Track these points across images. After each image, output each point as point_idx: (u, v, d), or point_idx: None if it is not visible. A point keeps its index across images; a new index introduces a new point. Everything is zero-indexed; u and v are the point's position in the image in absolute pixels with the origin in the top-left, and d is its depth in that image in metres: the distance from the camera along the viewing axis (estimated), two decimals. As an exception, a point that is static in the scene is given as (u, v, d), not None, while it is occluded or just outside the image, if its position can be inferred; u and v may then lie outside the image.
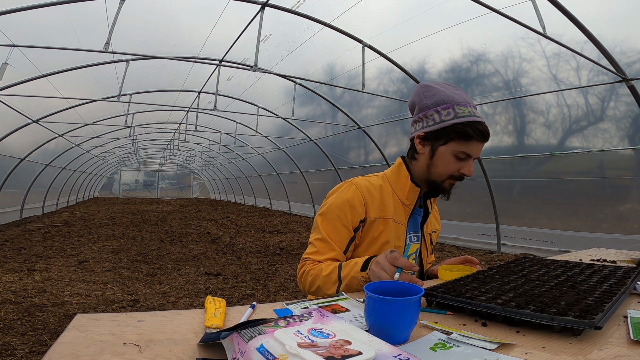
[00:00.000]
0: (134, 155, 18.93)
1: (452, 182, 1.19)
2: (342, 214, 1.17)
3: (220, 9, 4.79)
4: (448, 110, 1.11)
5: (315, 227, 1.21)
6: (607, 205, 5.12)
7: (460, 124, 1.10)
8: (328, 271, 1.10)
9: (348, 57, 5.85)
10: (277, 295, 3.95)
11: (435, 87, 1.16)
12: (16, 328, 2.83)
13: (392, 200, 1.23)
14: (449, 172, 1.16)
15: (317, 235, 1.18)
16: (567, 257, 1.49)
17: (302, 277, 1.17)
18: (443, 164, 1.15)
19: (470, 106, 1.13)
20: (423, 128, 1.17)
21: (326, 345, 0.51)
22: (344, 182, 1.26)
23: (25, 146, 8.51)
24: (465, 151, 1.12)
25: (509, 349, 0.63)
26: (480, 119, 1.11)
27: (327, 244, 1.16)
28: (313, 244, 1.19)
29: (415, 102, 1.20)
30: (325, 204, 1.22)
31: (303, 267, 1.18)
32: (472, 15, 4.24)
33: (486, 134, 1.12)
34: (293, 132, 10.07)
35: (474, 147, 1.12)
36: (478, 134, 1.10)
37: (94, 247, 6.30)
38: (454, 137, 1.11)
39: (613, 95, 4.49)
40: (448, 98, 1.12)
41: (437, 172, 1.18)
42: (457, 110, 1.11)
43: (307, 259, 1.18)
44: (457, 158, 1.14)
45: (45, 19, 4.46)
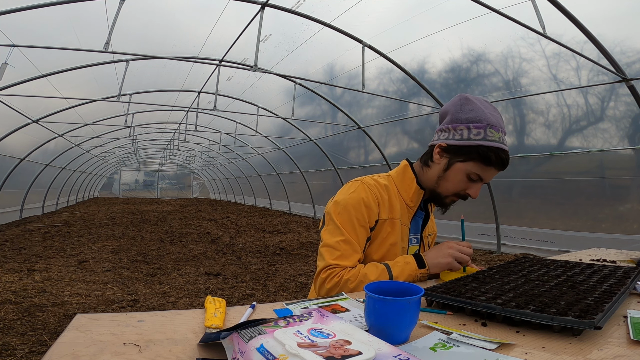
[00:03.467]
0: (133, 155, 18.92)
1: (454, 199, 1.20)
2: (359, 214, 1.15)
3: (220, 9, 4.79)
4: (479, 130, 1.09)
5: (332, 229, 1.16)
6: (607, 205, 5.13)
7: (485, 147, 1.08)
8: (376, 275, 1.08)
9: (348, 57, 5.85)
10: (277, 295, 3.95)
11: (475, 102, 1.12)
12: (16, 328, 2.83)
13: (398, 201, 1.22)
14: (456, 190, 1.17)
15: (339, 237, 1.13)
16: (567, 257, 1.49)
17: (336, 285, 1.09)
18: (454, 181, 1.15)
19: (502, 132, 1.11)
20: (447, 139, 1.14)
21: (326, 345, 0.51)
22: (353, 182, 1.24)
23: (25, 146, 8.51)
24: (480, 174, 1.12)
25: (509, 349, 0.63)
26: (506, 147, 1.10)
27: (351, 246, 1.13)
28: (334, 247, 1.12)
29: (450, 111, 1.16)
30: (337, 204, 1.17)
31: (332, 274, 1.10)
32: (472, 15, 4.24)
33: (506, 164, 1.11)
34: (293, 132, 10.07)
35: (489, 173, 1.12)
36: (498, 162, 1.09)
37: (94, 247, 6.30)
38: (474, 158, 1.10)
39: (613, 95, 4.49)
40: (484, 118, 1.09)
41: (446, 186, 1.17)
42: (488, 133, 1.09)
43: (336, 265, 1.11)
44: (469, 178, 1.14)
45: (45, 19, 4.46)
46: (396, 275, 1.09)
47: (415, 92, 6.17)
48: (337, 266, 1.11)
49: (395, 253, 1.19)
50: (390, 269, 1.10)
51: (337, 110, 7.79)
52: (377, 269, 1.10)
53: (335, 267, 1.11)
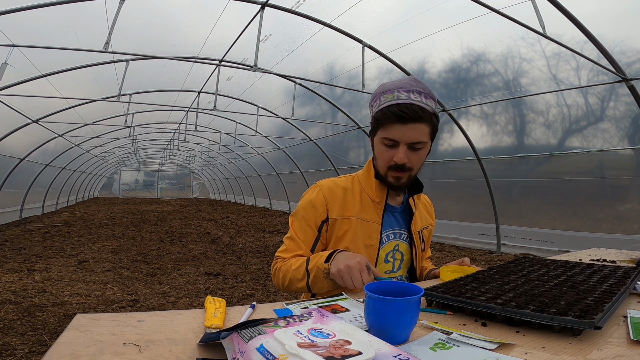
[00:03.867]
0: (133, 155, 18.92)
1: (393, 174, 1.14)
2: (307, 214, 1.20)
3: (220, 9, 4.79)
4: (376, 102, 1.13)
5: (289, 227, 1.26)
6: (607, 205, 5.12)
7: (379, 110, 1.10)
8: (297, 265, 1.13)
9: (348, 57, 5.85)
10: (277, 295, 3.95)
11: (385, 83, 1.15)
12: (16, 328, 2.83)
13: (359, 199, 1.21)
14: (384, 162, 1.14)
15: (287, 235, 1.24)
16: (567, 257, 1.49)
17: (275, 274, 1.21)
18: (378, 155, 1.16)
19: (399, 91, 1.08)
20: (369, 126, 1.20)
21: (326, 345, 0.51)
22: (312, 186, 1.30)
23: (25, 146, 8.51)
24: (387, 137, 1.10)
25: (509, 349, 0.63)
26: (402, 100, 1.06)
27: (295, 242, 1.20)
28: (284, 242, 1.24)
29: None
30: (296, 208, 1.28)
31: (275, 264, 1.22)
32: (472, 15, 4.24)
33: (399, 114, 1.05)
34: (293, 132, 10.07)
35: (395, 131, 1.08)
36: (392, 116, 1.06)
37: (94, 247, 6.30)
38: (377, 127, 1.13)
39: (613, 95, 4.49)
40: (380, 90, 1.13)
41: (378, 164, 1.18)
42: (382, 99, 1.11)
43: (278, 257, 1.22)
44: (386, 146, 1.12)
45: (45, 18, 4.46)
46: (311, 267, 1.09)
47: (415, 92, 6.16)
48: (279, 258, 1.22)
49: (356, 250, 1.17)
50: (308, 261, 1.11)
51: (337, 110, 7.79)
52: (300, 261, 1.14)
53: (278, 258, 1.22)
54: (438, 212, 1.36)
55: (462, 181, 6.74)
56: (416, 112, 1.05)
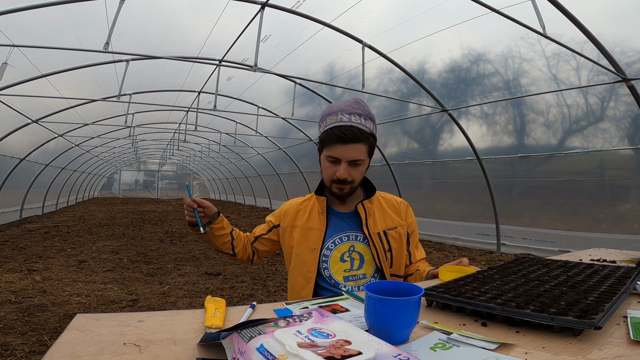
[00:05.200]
0: (133, 155, 18.92)
1: (338, 187, 1.29)
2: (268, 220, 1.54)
3: (220, 9, 4.79)
4: (324, 123, 1.27)
5: None
6: (607, 205, 5.12)
7: (324, 131, 1.25)
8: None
9: (348, 57, 5.84)
10: (277, 295, 3.95)
11: (332, 104, 1.29)
12: (16, 328, 2.83)
13: (308, 212, 1.41)
14: (328, 177, 1.29)
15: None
16: (567, 257, 1.49)
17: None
18: (324, 170, 1.30)
19: (342, 114, 1.23)
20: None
21: (326, 345, 0.51)
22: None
23: (25, 146, 8.51)
24: (330, 155, 1.25)
25: (509, 349, 0.63)
26: (344, 123, 1.21)
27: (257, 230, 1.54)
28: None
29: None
30: None
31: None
32: (472, 15, 4.24)
33: (341, 135, 1.19)
34: (293, 132, 10.06)
35: (337, 150, 1.22)
36: (333, 137, 1.21)
37: (94, 247, 6.30)
38: (322, 146, 1.28)
39: (613, 95, 4.49)
40: (327, 111, 1.27)
41: (325, 178, 1.34)
42: (327, 121, 1.24)
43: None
44: (330, 162, 1.26)
45: (45, 19, 4.45)
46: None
47: (416, 92, 6.17)
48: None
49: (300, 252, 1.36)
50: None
51: (337, 110, 7.77)
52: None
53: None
54: (438, 212, 1.38)
55: (462, 181, 6.74)
56: (355, 134, 1.20)
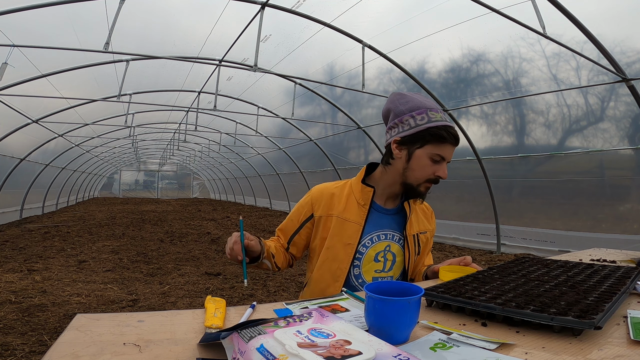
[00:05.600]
0: (134, 155, 18.92)
1: (428, 186, 1.25)
2: (294, 213, 1.39)
3: (220, 9, 4.79)
4: (422, 115, 1.18)
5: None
6: (607, 205, 5.12)
7: (435, 127, 1.16)
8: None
9: (348, 57, 5.85)
10: (277, 295, 3.95)
11: (408, 95, 1.23)
12: (16, 328, 2.83)
13: (345, 201, 1.31)
14: (425, 176, 1.21)
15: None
16: (567, 257, 1.49)
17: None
18: (419, 167, 1.21)
19: (442, 112, 1.21)
20: (399, 133, 1.22)
21: (326, 345, 0.51)
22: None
23: (25, 146, 8.51)
24: (440, 153, 1.19)
25: (509, 349, 0.63)
26: (449, 124, 1.19)
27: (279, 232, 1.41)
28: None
29: (390, 109, 1.25)
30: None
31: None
32: (472, 15, 4.24)
33: (457, 138, 1.20)
34: (293, 132, 10.06)
35: (447, 150, 1.19)
36: (451, 137, 1.18)
37: (94, 247, 6.30)
38: (429, 140, 1.17)
39: (613, 95, 4.49)
40: (421, 104, 1.20)
41: (414, 175, 1.22)
42: (430, 115, 1.18)
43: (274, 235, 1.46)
44: (433, 161, 1.20)
45: (45, 19, 4.45)
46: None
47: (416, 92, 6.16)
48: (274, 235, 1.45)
49: (332, 245, 1.27)
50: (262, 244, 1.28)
51: (337, 110, 7.79)
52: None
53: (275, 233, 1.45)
54: (438, 212, 1.39)
55: (462, 181, 6.73)
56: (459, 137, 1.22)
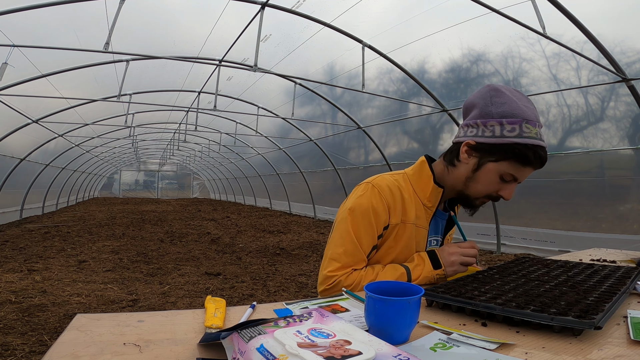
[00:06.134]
0: (134, 155, 18.92)
1: (484, 201, 1.10)
2: (366, 222, 1.07)
3: (220, 9, 4.79)
4: (514, 126, 0.96)
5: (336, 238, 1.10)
6: (607, 205, 5.12)
7: (523, 145, 0.96)
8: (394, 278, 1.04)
9: (348, 57, 5.84)
10: (277, 295, 3.95)
11: (506, 94, 1.00)
12: (16, 328, 2.83)
13: (413, 202, 1.13)
14: (488, 191, 1.06)
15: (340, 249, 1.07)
16: (567, 257, 1.49)
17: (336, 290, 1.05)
18: (485, 182, 1.04)
19: (539, 126, 0.99)
20: (477, 136, 1.02)
21: (326, 345, 0.51)
22: (364, 184, 1.14)
23: (25, 146, 8.51)
24: (515, 174, 1.01)
25: (509, 349, 0.63)
26: (545, 144, 0.99)
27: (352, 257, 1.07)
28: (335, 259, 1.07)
29: (477, 104, 1.04)
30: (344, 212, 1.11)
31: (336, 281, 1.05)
32: (472, 15, 4.24)
33: (544, 161, 0.99)
34: (293, 132, 10.06)
35: (525, 172, 1.01)
36: (537, 161, 0.98)
37: (94, 247, 6.30)
38: (509, 158, 0.98)
39: (613, 95, 4.49)
40: (519, 112, 0.97)
41: (476, 188, 1.07)
42: (524, 129, 0.96)
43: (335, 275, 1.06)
44: (502, 179, 1.02)
45: (45, 19, 4.45)
46: (415, 277, 1.05)
47: (415, 92, 6.17)
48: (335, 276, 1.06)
49: (408, 255, 1.12)
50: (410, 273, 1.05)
51: (337, 110, 7.78)
52: (396, 272, 1.05)
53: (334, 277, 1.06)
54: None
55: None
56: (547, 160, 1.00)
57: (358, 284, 1.04)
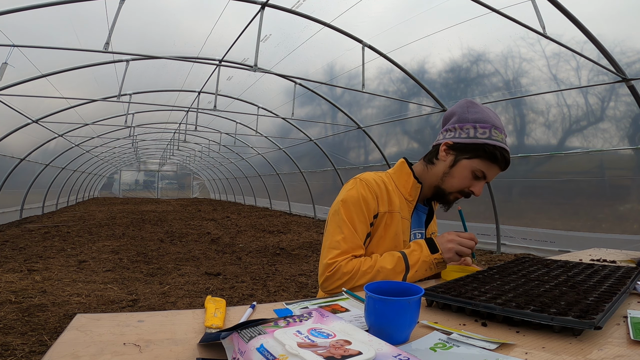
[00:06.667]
0: (134, 155, 18.92)
1: (457, 197, 1.24)
2: (359, 210, 1.17)
3: (220, 9, 4.79)
4: (485, 130, 1.16)
5: (332, 229, 1.17)
6: (607, 205, 5.12)
7: (492, 145, 1.15)
8: (392, 264, 1.10)
9: (348, 57, 5.85)
10: (277, 295, 3.95)
11: (480, 106, 1.21)
12: (16, 328, 2.83)
13: (396, 194, 1.25)
14: (461, 186, 1.21)
15: (339, 236, 1.14)
16: (567, 257, 1.49)
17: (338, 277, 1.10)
18: (459, 177, 1.20)
19: (504, 134, 1.19)
20: (454, 137, 1.20)
21: (326, 345, 0.51)
22: (351, 181, 1.25)
23: (25, 146, 8.51)
24: (485, 171, 1.18)
25: (509, 349, 0.63)
26: (507, 147, 1.18)
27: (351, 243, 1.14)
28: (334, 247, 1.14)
29: (456, 112, 1.23)
30: (336, 204, 1.20)
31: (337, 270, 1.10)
32: (472, 15, 4.24)
33: (508, 164, 1.18)
34: (293, 132, 10.07)
35: (492, 171, 1.18)
36: (503, 161, 1.16)
37: (94, 247, 6.30)
38: (481, 155, 1.16)
39: (613, 95, 4.49)
40: (489, 119, 1.17)
41: (451, 182, 1.22)
42: (493, 133, 1.16)
43: (334, 261, 1.11)
44: (474, 176, 1.19)
45: (45, 19, 4.45)
46: (413, 261, 1.12)
47: (415, 92, 6.17)
48: (335, 262, 1.11)
49: (397, 245, 1.21)
50: (407, 258, 1.12)
51: (337, 110, 7.78)
52: (393, 257, 1.12)
53: (334, 262, 1.11)
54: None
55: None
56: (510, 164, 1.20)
57: (358, 270, 1.10)
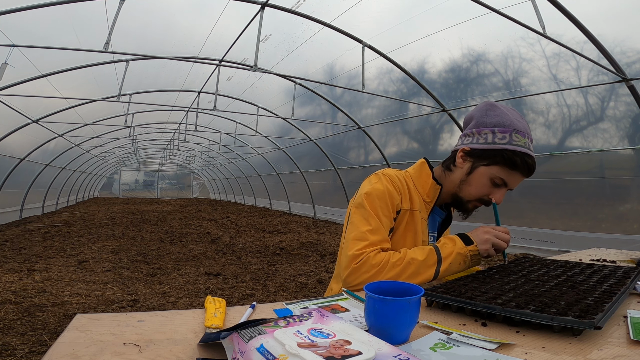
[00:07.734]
0: (133, 155, 18.92)
1: (477, 205, 1.19)
2: (383, 204, 1.13)
3: (220, 9, 4.79)
4: (504, 135, 1.09)
5: (356, 221, 1.11)
6: (607, 205, 5.12)
7: (511, 151, 1.07)
8: (424, 256, 1.04)
9: (348, 57, 5.85)
10: (277, 295, 3.95)
11: (501, 108, 1.13)
12: (16, 328, 2.83)
13: (416, 195, 1.22)
14: (479, 194, 1.15)
15: (366, 228, 1.08)
16: (567, 257, 1.49)
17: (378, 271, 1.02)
18: (477, 185, 1.14)
19: (528, 138, 1.10)
20: (471, 143, 1.15)
21: (326, 345, 0.51)
22: (374, 175, 1.22)
23: (25, 146, 8.51)
24: (504, 179, 1.11)
25: (509, 349, 0.63)
26: (532, 153, 1.09)
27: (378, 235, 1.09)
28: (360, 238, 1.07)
29: (475, 116, 1.16)
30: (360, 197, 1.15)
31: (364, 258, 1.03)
32: (472, 15, 4.24)
33: (532, 170, 1.10)
34: (293, 132, 10.07)
35: (514, 178, 1.11)
36: (524, 167, 1.08)
37: (94, 247, 6.30)
38: (499, 162, 1.09)
39: (613, 95, 4.49)
40: (510, 123, 1.09)
41: (468, 190, 1.16)
42: (513, 137, 1.08)
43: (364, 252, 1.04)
44: (493, 183, 1.12)
45: (45, 18, 4.45)
46: (446, 254, 1.05)
47: (415, 92, 6.17)
48: (363, 253, 1.04)
49: (417, 244, 1.16)
50: (439, 250, 1.06)
51: (337, 110, 7.79)
52: (424, 250, 1.06)
53: (362, 253, 1.04)
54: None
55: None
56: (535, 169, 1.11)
57: (387, 262, 1.03)
